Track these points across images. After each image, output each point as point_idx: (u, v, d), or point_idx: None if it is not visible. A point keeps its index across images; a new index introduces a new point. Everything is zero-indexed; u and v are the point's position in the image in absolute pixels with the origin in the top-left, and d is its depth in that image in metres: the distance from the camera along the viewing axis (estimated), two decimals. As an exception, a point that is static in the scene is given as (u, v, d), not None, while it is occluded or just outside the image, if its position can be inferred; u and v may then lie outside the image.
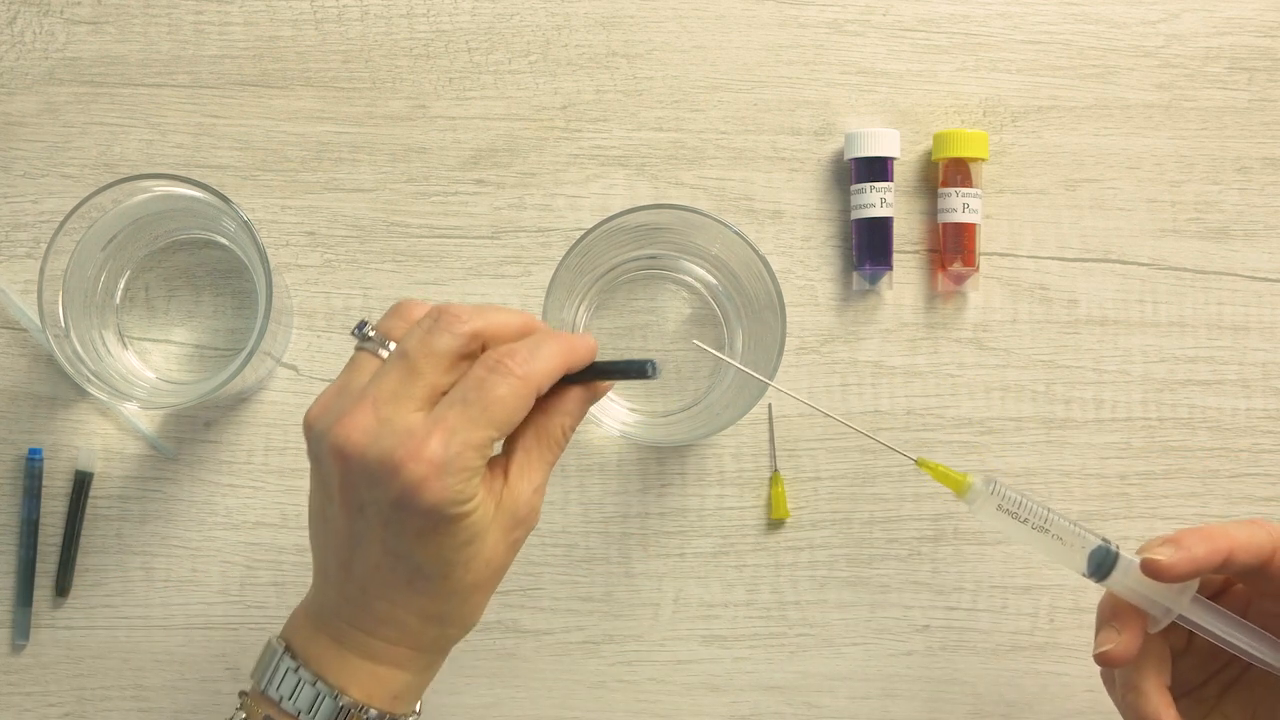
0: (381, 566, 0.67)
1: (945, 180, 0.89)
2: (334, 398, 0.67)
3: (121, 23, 0.90)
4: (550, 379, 0.67)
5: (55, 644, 0.88)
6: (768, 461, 0.89)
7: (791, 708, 0.88)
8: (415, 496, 0.64)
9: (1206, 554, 0.67)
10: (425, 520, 0.65)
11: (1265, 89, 0.90)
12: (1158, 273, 0.90)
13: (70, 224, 0.82)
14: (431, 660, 0.70)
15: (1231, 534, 0.68)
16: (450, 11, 0.90)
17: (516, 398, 0.65)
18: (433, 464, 0.64)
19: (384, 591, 0.68)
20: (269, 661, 0.70)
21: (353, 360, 0.69)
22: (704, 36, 0.90)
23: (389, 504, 0.65)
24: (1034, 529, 0.71)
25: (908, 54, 0.90)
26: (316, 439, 0.67)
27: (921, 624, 0.89)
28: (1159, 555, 0.68)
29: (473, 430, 0.65)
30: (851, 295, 0.90)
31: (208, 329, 0.89)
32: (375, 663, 0.69)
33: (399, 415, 0.65)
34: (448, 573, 0.67)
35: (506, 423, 0.66)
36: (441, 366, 0.66)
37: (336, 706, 0.68)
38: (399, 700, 0.70)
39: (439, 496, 0.64)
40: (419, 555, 0.66)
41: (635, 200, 0.89)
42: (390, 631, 0.68)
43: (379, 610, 0.68)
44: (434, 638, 0.69)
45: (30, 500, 0.88)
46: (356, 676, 0.69)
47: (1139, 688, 0.70)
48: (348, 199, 0.89)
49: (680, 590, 0.89)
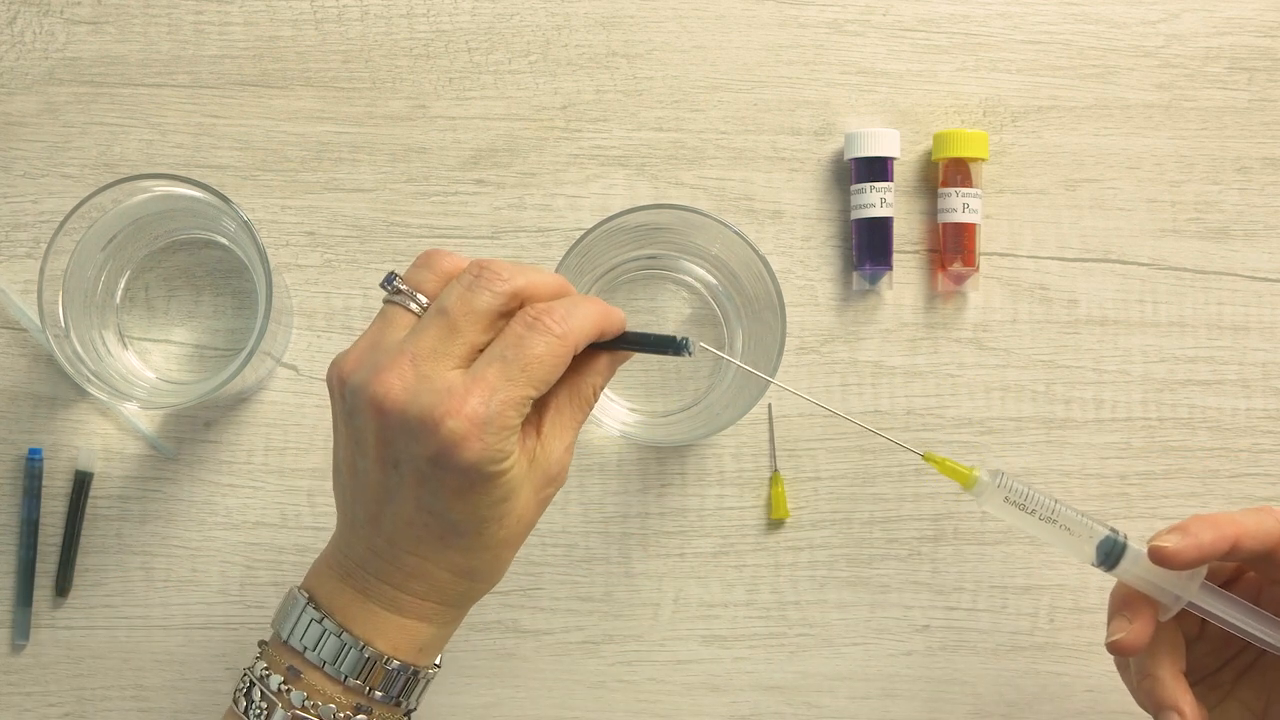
0: (414, 522, 0.67)
1: (945, 180, 0.89)
2: (367, 351, 0.67)
3: (121, 23, 0.90)
4: (586, 340, 0.67)
5: (55, 644, 0.88)
6: (768, 461, 0.89)
7: (791, 708, 0.88)
8: (454, 454, 0.64)
9: (1213, 541, 0.68)
10: (463, 478, 0.65)
11: (1265, 89, 0.90)
12: (1158, 273, 0.90)
13: (70, 224, 0.82)
14: (456, 615, 0.71)
15: (1239, 521, 0.69)
16: (450, 11, 0.90)
17: (555, 357, 0.66)
18: (473, 422, 0.64)
19: (415, 546, 0.68)
20: (292, 612, 0.70)
21: (382, 314, 0.69)
22: (704, 36, 0.90)
23: (426, 460, 0.65)
24: (1042, 520, 0.71)
25: (908, 54, 0.90)
26: (352, 392, 0.66)
27: (921, 624, 0.89)
28: (1166, 542, 0.68)
29: (512, 389, 0.65)
30: (851, 295, 0.90)
31: (208, 329, 0.89)
32: (402, 615, 0.69)
33: (438, 372, 0.65)
34: (481, 529, 0.67)
35: (544, 381, 0.66)
36: (481, 325, 0.66)
37: (362, 658, 0.68)
38: (424, 653, 0.70)
39: (479, 454, 0.64)
40: (454, 512, 0.66)
41: (635, 200, 0.89)
42: (419, 585, 0.69)
43: (408, 564, 0.68)
44: (462, 592, 0.70)
45: (30, 500, 0.88)
46: (383, 629, 0.69)
47: (1155, 675, 0.71)
48: (348, 199, 0.89)
49: (680, 590, 0.89)
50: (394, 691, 0.69)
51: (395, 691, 0.69)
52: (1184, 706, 0.70)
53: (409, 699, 0.70)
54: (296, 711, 0.68)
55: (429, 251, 0.69)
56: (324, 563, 0.71)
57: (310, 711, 0.68)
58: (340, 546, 0.70)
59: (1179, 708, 0.70)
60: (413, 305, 0.68)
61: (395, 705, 0.70)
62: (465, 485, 0.66)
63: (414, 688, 0.70)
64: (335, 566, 0.70)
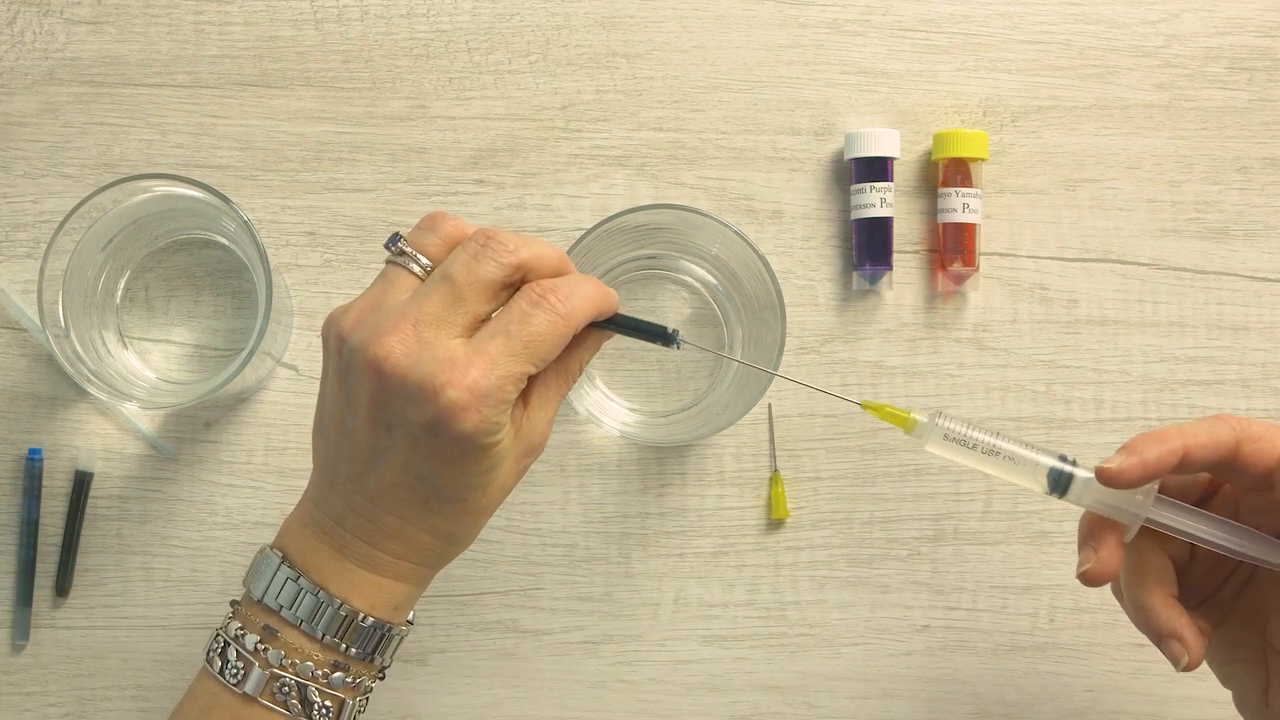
0: (399, 484, 0.67)
1: (945, 180, 0.89)
2: (368, 311, 0.67)
3: (121, 23, 0.90)
4: (586, 320, 0.68)
5: (55, 644, 0.88)
6: (768, 461, 0.89)
7: (791, 708, 0.88)
8: (451, 423, 0.65)
9: (1159, 455, 0.67)
10: (455, 447, 0.66)
11: (1265, 89, 0.90)
12: (1158, 273, 0.90)
13: (70, 224, 0.82)
14: (430, 574, 0.71)
15: (1188, 432, 0.68)
16: (450, 11, 0.90)
17: (557, 335, 0.67)
18: (473, 393, 0.65)
19: (397, 508, 0.68)
20: (265, 570, 0.69)
21: (385, 274, 0.69)
22: (704, 36, 0.90)
23: (421, 426, 0.65)
24: (984, 454, 0.71)
25: (908, 54, 0.90)
26: (351, 351, 0.66)
27: (921, 624, 0.89)
28: (1111, 463, 0.68)
29: (513, 364, 0.66)
30: (851, 295, 0.90)
31: (208, 329, 0.89)
32: (378, 574, 0.69)
33: (441, 340, 0.66)
34: (465, 496, 0.68)
35: (544, 359, 0.67)
36: (485, 295, 0.67)
37: (339, 615, 0.68)
38: (398, 611, 0.70)
39: (475, 425, 0.65)
40: (441, 478, 0.67)
41: (635, 200, 0.89)
42: (397, 545, 0.69)
43: (388, 524, 0.68)
44: (439, 554, 0.70)
45: (30, 500, 0.88)
46: (359, 587, 0.69)
47: (1146, 605, 0.70)
48: (348, 199, 0.89)
49: (680, 590, 0.89)
50: (369, 648, 0.69)
51: (370, 648, 0.69)
52: (1183, 632, 0.69)
53: (383, 656, 0.71)
54: (275, 670, 0.68)
55: (433, 214, 0.69)
56: (296, 520, 0.70)
57: (288, 670, 0.68)
58: (316, 502, 0.70)
59: (1178, 634, 0.69)
60: (415, 267, 0.68)
61: (369, 662, 0.70)
62: (457, 454, 0.66)
63: (388, 645, 0.70)
64: (310, 524, 0.70)
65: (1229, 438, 0.68)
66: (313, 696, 0.68)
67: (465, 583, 0.89)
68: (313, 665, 0.68)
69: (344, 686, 0.69)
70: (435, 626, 0.88)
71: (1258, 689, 0.71)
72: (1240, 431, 0.68)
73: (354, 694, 0.70)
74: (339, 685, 0.69)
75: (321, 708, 0.69)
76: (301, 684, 0.68)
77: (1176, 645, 0.69)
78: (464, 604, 0.88)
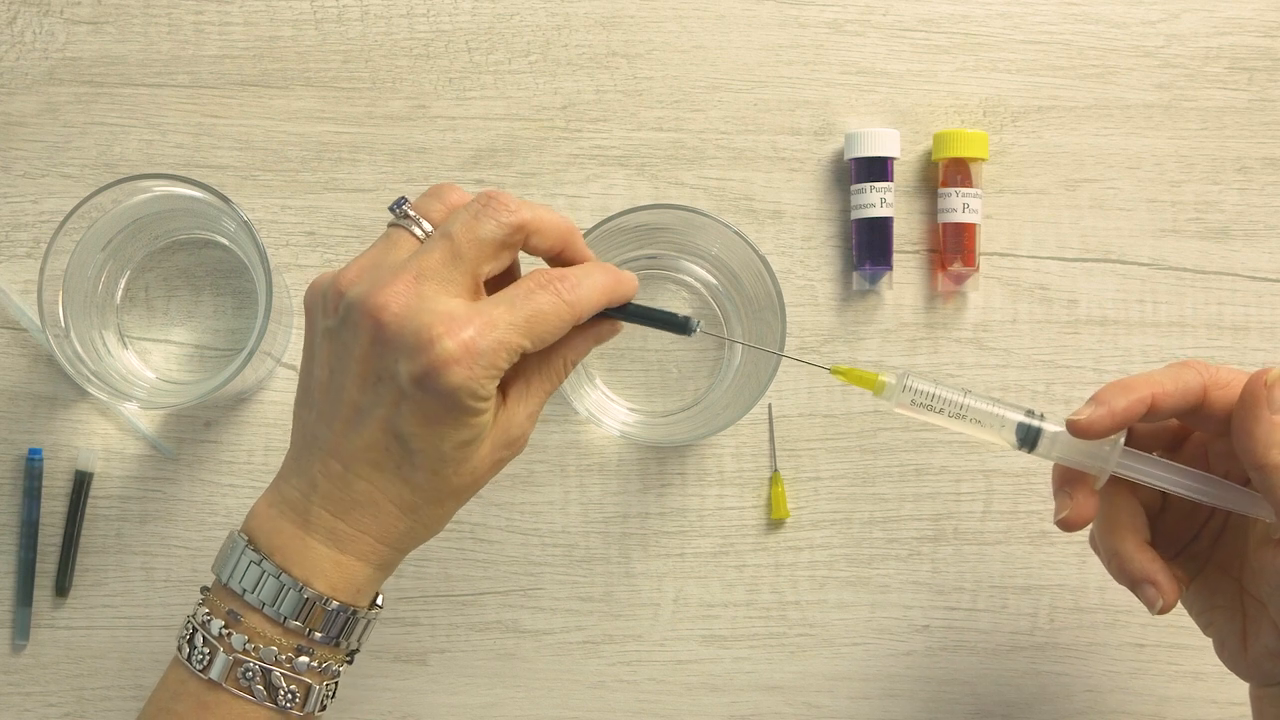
0: (375, 446, 0.68)
1: (945, 180, 0.89)
2: (369, 268, 0.68)
3: (121, 23, 0.90)
4: (592, 310, 0.69)
5: (55, 644, 0.88)
6: (768, 461, 0.89)
7: (791, 708, 0.88)
8: (440, 375, 0.65)
9: (1127, 405, 0.68)
10: (439, 403, 0.66)
11: (1265, 89, 0.90)
12: (1158, 273, 0.90)
13: (70, 224, 0.82)
14: (390, 556, 0.70)
15: (1155, 380, 0.69)
16: (450, 11, 0.90)
17: (559, 319, 0.67)
18: (468, 348, 0.65)
19: (369, 473, 0.68)
20: (231, 555, 0.70)
21: (386, 235, 0.69)
22: (704, 36, 0.90)
23: (410, 378, 0.66)
24: (951, 417, 0.71)
25: (908, 54, 0.90)
26: (349, 304, 0.67)
27: (921, 624, 0.89)
28: (1080, 415, 0.68)
29: (511, 332, 0.66)
30: (851, 295, 0.90)
31: (208, 329, 0.89)
32: (340, 551, 0.69)
33: (440, 296, 0.66)
34: (438, 468, 0.68)
35: (541, 339, 0.67)
36: (485, 253, 0.67)
37: (301, 599, 0.68)
38: (360, 594, 0.70)
39: (463, 381, 0.65)
40: (418, 440, 0.67)
41: (635, 200, 0.89)
42: (360, 516, 0.69)
43: (357, 490, 0.68)
44: (401, 533, 0.70)
45: (30, 500, 0.88)
46: (321, 568, 0.69)
47: (1120, 552, 0.71)
48: (348, 199, 0.89)
49: (680, 590, 0.89)
50: (334, 632, 0.69)
51: (335, 632, 0.69)
52: (1156, 577, 0.70)
53: (349, 639, 0.70)
54: (238, 655, 0.68)
55: (440, 184, 0.70)
56: (264, 501, 0.71)
57: (251, 655, 0.68)
58: (286, 477, 0.70)
59: (1151, 578, 0.70)
60: (417, 230, 0.69)
61: (335, 646, 0.70)
62: (439, 412, 0.66)
63: (354, 629, 0.70)
64: (277, 502, 0.70)
65: (1196, 384, 0.69)
66: (277, 681, 0.68)
67: (465, 583, 0.89)
68: (276, 650, 0.68)
69: (309, 671, 0.69)
70: (435, 626, 0.88)
71: (1236, 634, 0.71)
72: (1208, 378, 0.69)
73: (320, 678, 0.69)
74: (304, 670, 0.69)
75: (287, 692, 0.69)
76: (265, 668, 0.68)
77: (1151, 590, 0.70)
78: (464, 604, 0.88)
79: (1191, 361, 0.70)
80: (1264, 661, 0.70)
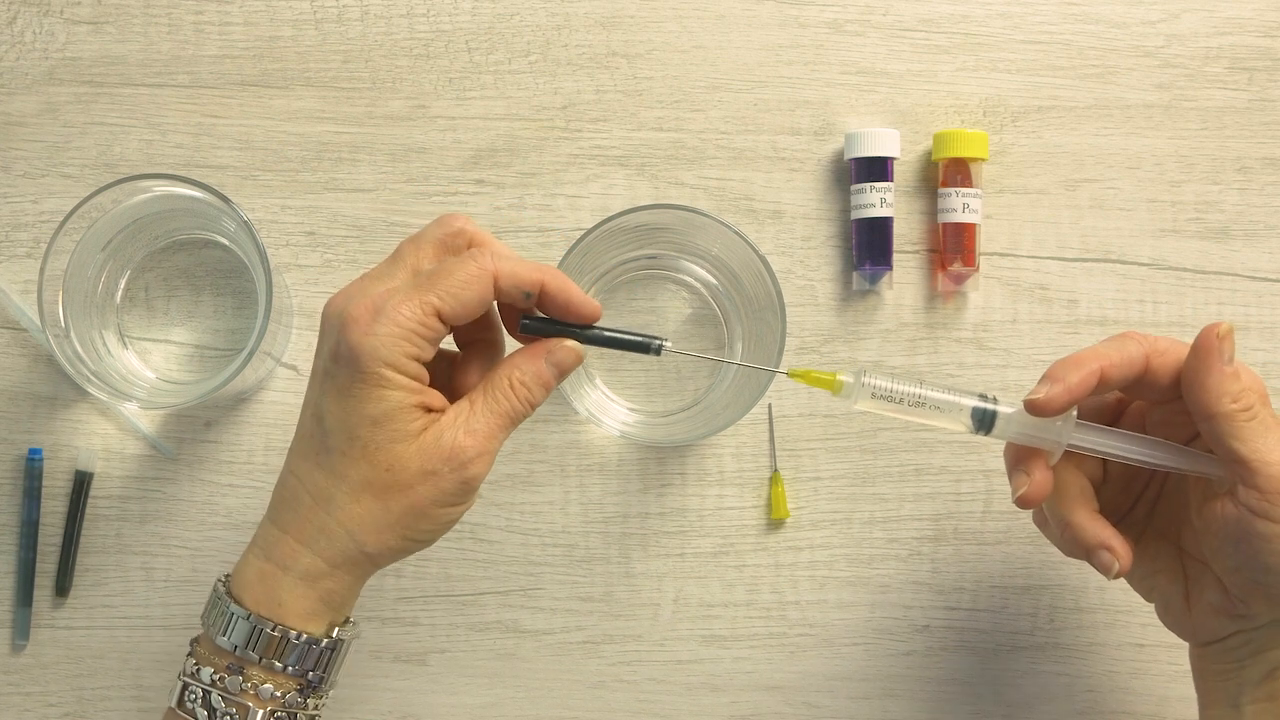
0: (302, 435, 0.69)
1: (945, 180, 0.89)
2: None
3: (121, 23, 0.90)
4: (513, 280, 0.68)
5: (55, 644, 0.88)
6: (768, 461, 0.89)
7: (791, 708, 0.88)
8: (345, 338, 0.67)
9: (1081, 379, 0.70)
10: (347, 372, 0.67)
11: (1265, 89, 0.90)
12: (1158, 273, 0.90)
13: (70, 224, 0.82)
14: (313, 566, 0.70)
15: (1101, 353, 0.71)
16: (450, 11, 0.90)
17: (468, 275, 0.68)
18: (367, 309, 0.67)
19: (296, 463, 0.70)
20: (211, 600, 0.72)
21: None
22: (704, 36, 0.90)
23: (329, 354, 0.68)
24: (911, 406, 0.73)
25: (908, 54, 0.90)
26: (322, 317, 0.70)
27: (921, 624, 0.89)
28: (1038, 394, 0.70)
29: (415, 291, 0.67)
30: (851, 295, 0.90)
31: (208, 329, 0.89)
32: (266, 559, 0.70)
33: (373, 286, 0.68)
34: (347, 448, 0.68)
35: (451, 294, 0.67)
36: (423, 252, 0.69)
37: (228, 613, 0.70)
38: (283, 609, 0.69)
39: (364, 342, 0.66)
40: (331, 418, 0.68)
41: (635, 200, 0.89)
42: (285, 514, 0.70)
43: (287, 488, 0.70)
44: (317, 531, 0.69)
45: (30, 500, 0.88)
46: (248, 579, 0.70)
47: (1071, 522, 0.73)
48: (348, 199, 0.89)
49: (680, 590, 0.89)
50: (261, 650, 0.69)
51: (263, 651, 0.69)
52: (1110, 541, 0.73)
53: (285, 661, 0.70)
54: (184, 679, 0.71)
55: (446, 215, 0.71)
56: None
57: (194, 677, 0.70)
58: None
59: (1106, 544, 0.73)
60: None
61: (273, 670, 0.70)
62: (347, 382, 0.67)
63: (285, 650, 0.70)
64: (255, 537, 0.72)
65: (1139, 353, 0.71)
66: (215, 703, 0.69)
67: (465, 583, 0.89)
68: (212, 670, 0.70)
69: (245, 693, 0.69)
70: (435, 626, 0.88)
71: (1179, 596, 0.75)
72: (1148, 346, 0.72)
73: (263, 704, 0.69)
74: (237, 690, 0.69)
75: (224, 714, 0.69)
76: (205, 690, 0.70)
77: (1106, 554, 0.73)
78: (464, 604, 0.88)
79: (1130, 333, 0.72)
80: (1208, 618, 0.73)
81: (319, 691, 0.71)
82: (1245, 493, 0.69)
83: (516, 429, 0.70)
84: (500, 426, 0.69)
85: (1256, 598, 0.71)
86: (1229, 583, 0.72)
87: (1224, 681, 0.75)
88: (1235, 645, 0.74)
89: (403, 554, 0.70)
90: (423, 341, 0.67)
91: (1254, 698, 0.74)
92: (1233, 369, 0.70)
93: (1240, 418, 0.69)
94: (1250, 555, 0.70)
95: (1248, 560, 0.70)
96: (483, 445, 0.69)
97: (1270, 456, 0.69)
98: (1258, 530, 0.69)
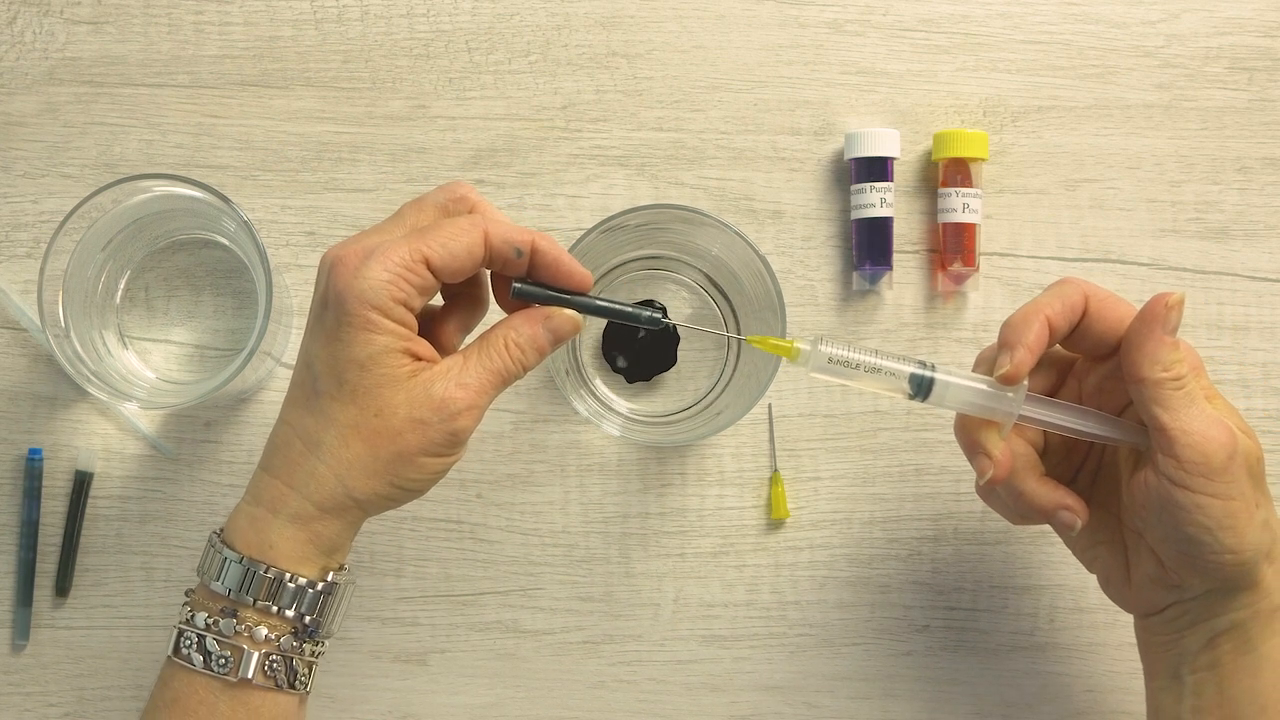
0: (294, 382, 0.71)
1: (945, 180, 0.89)
2: None
3: (121, 23, 0.90)
4: (502, 237, 0.69)
5: (55, 644, 0.88)
6: (768, 461, 0.89)
7: (791, 708, 0.88)
8: (334, 282, 0.68)
9: (1036, 334, 0.71)
10: (335, 315, 0.68)
11: (1265, 89, 0.90)
12: (1158, 273, 0.90)
13: (70, 224, 0.82)
14: (302, 508, 0.70)
15: (1042, 303, 0.72)
16: (450, 11, 0.90)
17: (457, 228, 0.69)
18: (356, 254, 0.68)
19: (287, 411, 0.71)
20: (205, 549, 0.72)
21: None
22: (704, 36, 0.90)
23: (320, 300, 0.69)
24: (866, 372, 0.73)
25: (908, 54, 0.90)
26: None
27: (921, 624, 0.89)
28: (1003, 366, 0.71)
29: (406, 241, 0.68)
30: (851, 295, 0.90)
31: (208, 329, 0.89)
32: (256, 504, 0.70)
33: (369, 238, 0.69)
34: (336, 392, 0.68)
35: (439, 244, 0.68)
36: (424, 214, 0.71)
37: (220, 558, 0.70)
38: (273, 550, 0.70)
39: (351, 285, 0.67)
40: (320, 362, 0.69)
41: (635, 200, 0.89)
42: (276, 459, 0.70)
43: (279, 436, 0.71)
44: (308, 474, 0.70)
45: (30, 500, 0.88)
46: (239, 524, 0.71)
47: (1025, 490, 0.74)
48: (348, 199, 0.89)
49: (680, 590, 0.89)
50: (253, 592, 0.70)
51: (256, 593, 0.70)
52: (1065, 500, 0.73)
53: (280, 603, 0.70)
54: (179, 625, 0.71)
55: (451, 183, 0.73)
56: None
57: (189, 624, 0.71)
58: None
59: (1062, 504, 0.73)
60: None
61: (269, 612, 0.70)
62: (334, 326, 0.68)
63: (279, 591, 0.70)
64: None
65: (1078, 295, 0.72)
66: (210, 646, 0.70)
67: (465, 583, 0.89)
68: (206, 614, 0.70)
69: (239, 635, 0.70)
70: (435, 626, 0.88)
71: (1120, 568, 0.75)
72: (1086, 289, 0.72)
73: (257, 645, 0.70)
74: (230, 633, 0.70)
75: (219, 657, 0.70)
76: (200, 635, 0.70)
77: (1065, 513, 0.73)
78: (464, 604, 0.88)
79: (1068, 277, 0.73)
80: (1146, 590, 0.74)
81: (315, 638, 0.72)
82: (1164, 462, 0.70)
83: (517, 430, 0.70)
84: (491, 384, 0.70)
85: (1185, 568, 0.72)
86: (1161, 554, 0.72)
87: (1165, 652, 0.75)
88: (1174, 616, 0.74)
89: (391, 502, 0.71)
90: (409, 288, 0.68)
91: (1194, 667, 0.74)
92: (1172, 339, 0.70)
93: (1168, 385, 0.70)
94: (1172, 525, 0.70)
95: (1171, 531, 0.71)
96: (473, 399, 0.69)
97: (1190, 426, 0.69)
98: (1176, 500, 0.70)
